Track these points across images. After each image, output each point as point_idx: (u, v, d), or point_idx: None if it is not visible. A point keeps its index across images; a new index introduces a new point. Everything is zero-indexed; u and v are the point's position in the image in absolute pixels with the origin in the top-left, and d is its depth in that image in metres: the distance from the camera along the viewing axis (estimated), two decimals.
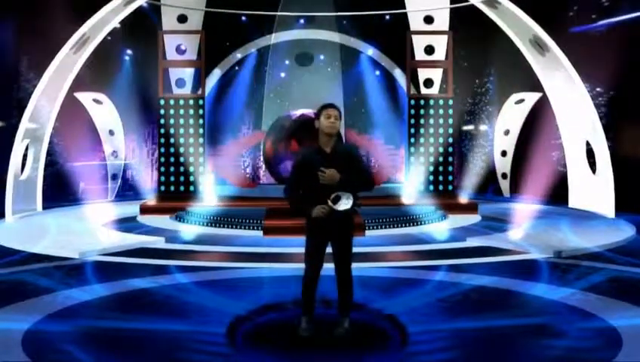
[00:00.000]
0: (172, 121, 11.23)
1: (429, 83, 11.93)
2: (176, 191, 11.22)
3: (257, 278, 5.62)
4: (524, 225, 8.63)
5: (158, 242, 7.41)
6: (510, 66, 12.29)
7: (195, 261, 6.39)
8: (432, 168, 11.55)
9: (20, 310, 4.39)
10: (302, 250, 3.81)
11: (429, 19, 11.62)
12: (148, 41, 11.98)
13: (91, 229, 8.51)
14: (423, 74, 11.93)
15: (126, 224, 9.16)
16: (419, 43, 11.67)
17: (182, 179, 11.26)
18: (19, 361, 3.39)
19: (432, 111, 11.52)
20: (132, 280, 5.35)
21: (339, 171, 3.48)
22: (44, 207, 10.73)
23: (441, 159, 11.53)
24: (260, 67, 14.90)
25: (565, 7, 11.80)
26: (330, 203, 3.44)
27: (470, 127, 14.78)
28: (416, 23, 11.69)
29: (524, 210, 10.34)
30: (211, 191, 11.24)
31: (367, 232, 8.21)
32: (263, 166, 13.52)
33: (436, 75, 11.93)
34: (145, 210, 10.37)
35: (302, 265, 3.80)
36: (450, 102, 11.61)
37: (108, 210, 10.81)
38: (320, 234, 3.68)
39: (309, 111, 11.87)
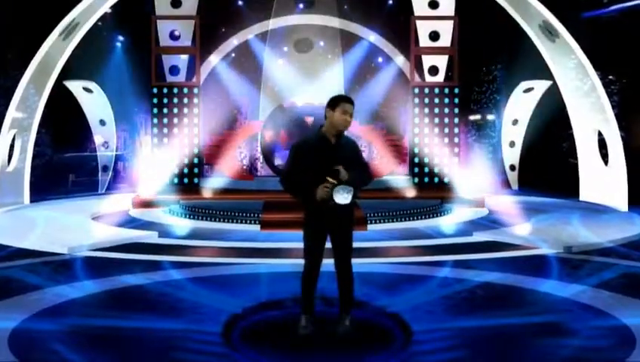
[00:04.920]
0: (165, 110, 11.07)
1: (433, 70, 11.67)
2: (170, 183, 11.02)
3: (254, 274, 5.50)
4: (533, 219, 8.55)
5: (150, 237, 7.33)
6: (519, 53, 12.03)
7: (190, 256, 6.28)
8: (436, 159, 11.29)
9: (6, 308, 4.30)
10: (301, 244, 3.73)
11: (433, 4, 11.37)
12: (140, 26, 11.72)
13: (81, 223, 8.40)
14: (427, 61, 11.67)
15: (117, 218, 9.07)
16: (423, 29, 11.40)
17: (176, 171, 11.07)
18: (5, 361, 3.30)
19: (436, 100, 11.29)
20: (124, 277, 5.27)
21: (342, 163, 3.55)
22: (32, 200, 10.67)
23: (446, 150, 11.27)
24: (257, 54, 14.64)
25: None
26: (330, 179, 3.46)
27: (477, 117, 14.60)
28: (420, 7, 11.42)
29: (533, 203, 10.24)
30: (206, 183, 11.04)
31: (369, 226, 8.12)
32: (261, 157, 13.30)
33: (441, 62, 11.66)
34: (137, 203, 10.24)
35: (301, 261, 3.73)
36: (456, 90, 11.37)
37: (98, 203, 10.67)
38: (319, 227, 3.65)
39: (310, 102, 11.65)
